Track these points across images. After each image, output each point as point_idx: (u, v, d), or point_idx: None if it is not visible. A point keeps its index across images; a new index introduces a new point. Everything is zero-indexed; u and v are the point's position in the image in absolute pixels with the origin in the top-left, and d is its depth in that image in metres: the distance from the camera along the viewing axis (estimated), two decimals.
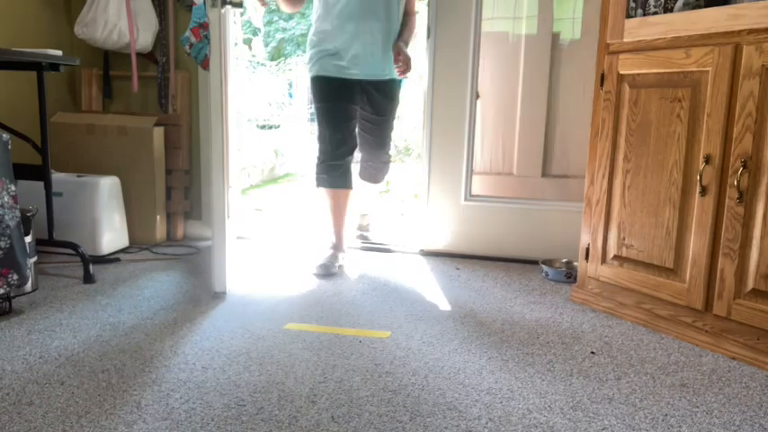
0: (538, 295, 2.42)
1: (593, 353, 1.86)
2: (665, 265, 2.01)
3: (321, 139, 2.64)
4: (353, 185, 2.73)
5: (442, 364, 1.74)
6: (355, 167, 2.80)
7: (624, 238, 2.14)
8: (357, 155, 2.78)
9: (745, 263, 1.78)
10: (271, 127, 8.53)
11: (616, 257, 2.18)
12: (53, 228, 2.46)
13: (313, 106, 2.68)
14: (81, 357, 1.72)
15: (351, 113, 2.62)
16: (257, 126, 8.28)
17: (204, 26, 2.12)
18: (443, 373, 1.69)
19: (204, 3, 2.09)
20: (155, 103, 3.09)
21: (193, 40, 2.15)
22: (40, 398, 1.49)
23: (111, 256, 2.75)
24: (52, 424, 1.38)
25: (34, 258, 2.19)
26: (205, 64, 2.17)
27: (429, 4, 2.80)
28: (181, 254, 2.86)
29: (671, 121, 1.96)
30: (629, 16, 2.07)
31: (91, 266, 2.42)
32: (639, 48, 2.05)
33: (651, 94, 2.02)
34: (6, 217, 1.93)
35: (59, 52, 2.41)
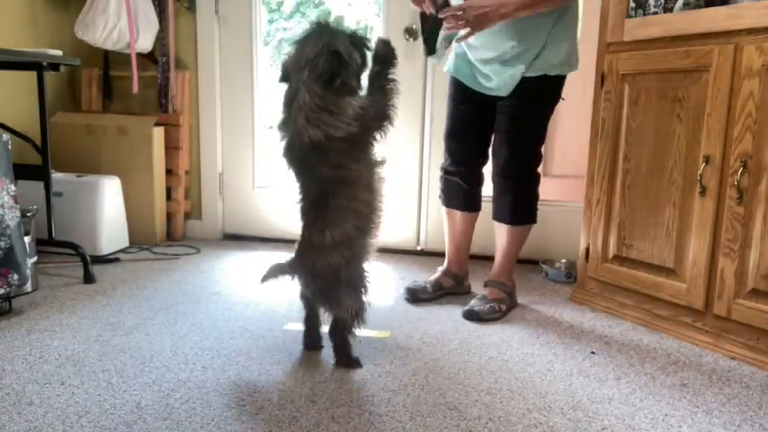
0: (538, 295, 2.41)
1: (593, 353, 1.86)
2: (666, 265, 2.01)
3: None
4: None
5: (442, 364, 1.74)
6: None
7: (624, 238, 2.14)
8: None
9: (745, 263, 1.78)
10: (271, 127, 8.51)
11: (616, 257, 2.18)
12: (53, 228, 2.45)
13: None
14: (81, 357, 1.72)
15: None
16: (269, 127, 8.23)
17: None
18: (443, 373, 1.69)
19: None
20: (155, 103, 3.09)
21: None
22: (40, 398, 1.49)
23: (111, 256, 2.75)
24: (52, 424, 1.38)
25: (34, 258, 2.19)
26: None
27: None
28: (181, 254, 2.86)
29: (671, 121, 1.96)
30: (629, 16, 2.07)
31: (91, 266, 2.42)
32: (639, 48, 2.04)
33: (651, 94, 2.02)
34: (6, 217, 1.93)
35: (59, 52, 2.41)
